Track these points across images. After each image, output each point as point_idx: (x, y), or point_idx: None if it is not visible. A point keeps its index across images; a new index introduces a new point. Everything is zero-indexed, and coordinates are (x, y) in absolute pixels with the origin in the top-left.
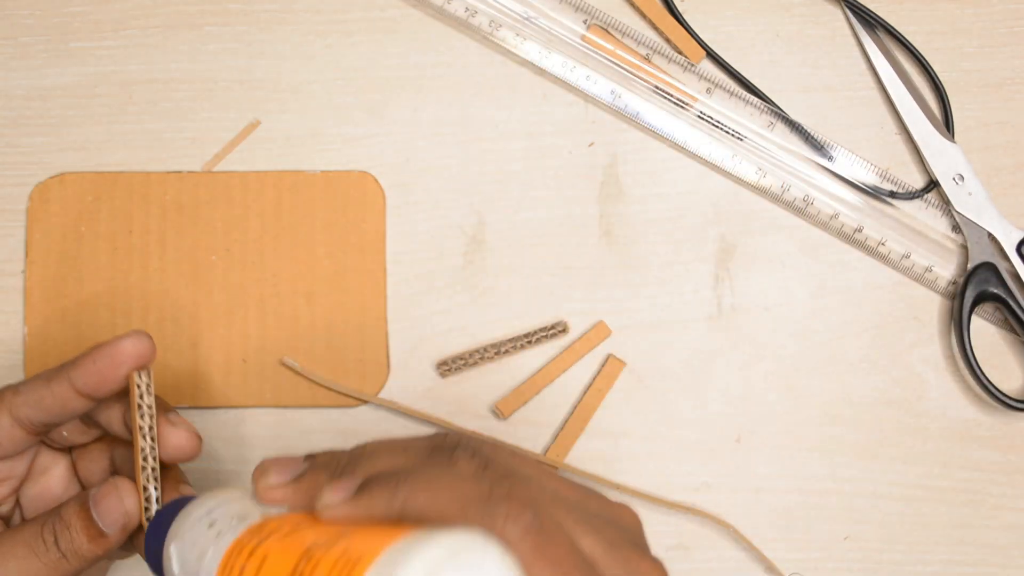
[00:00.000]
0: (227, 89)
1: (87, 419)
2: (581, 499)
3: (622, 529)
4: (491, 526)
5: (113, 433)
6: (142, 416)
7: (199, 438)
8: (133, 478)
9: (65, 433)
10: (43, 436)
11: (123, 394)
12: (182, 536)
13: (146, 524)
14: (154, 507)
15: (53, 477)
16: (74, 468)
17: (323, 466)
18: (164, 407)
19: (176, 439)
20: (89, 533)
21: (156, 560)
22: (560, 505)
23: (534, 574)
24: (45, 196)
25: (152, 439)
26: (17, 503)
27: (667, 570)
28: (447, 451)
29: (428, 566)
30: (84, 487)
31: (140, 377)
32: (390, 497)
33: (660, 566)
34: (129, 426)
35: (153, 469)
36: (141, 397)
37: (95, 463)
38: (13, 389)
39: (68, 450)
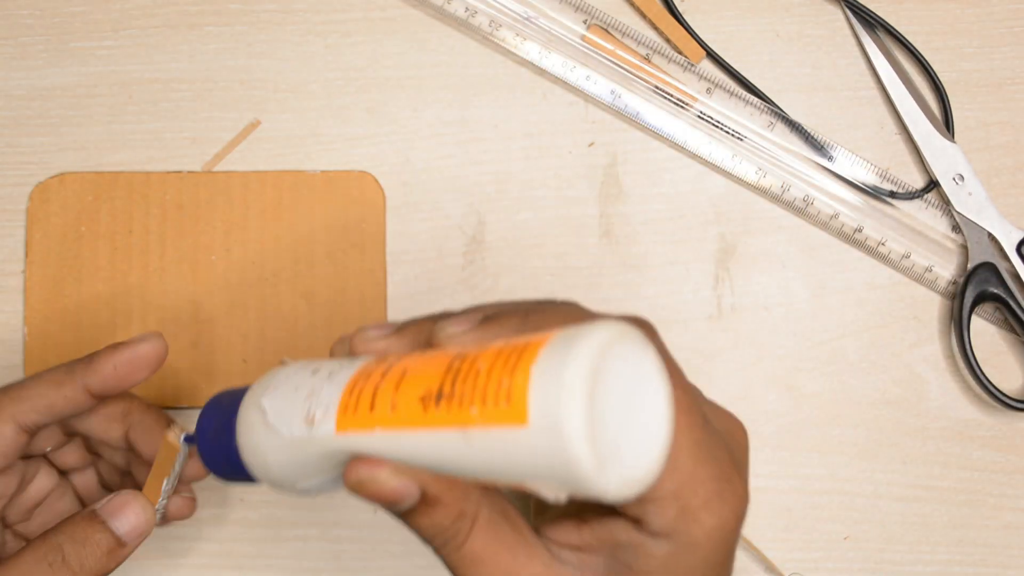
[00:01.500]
0: (227, 89)
1: (68, 428)
2: None
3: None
4: None
5: (93, 437)
6: (170, 478)
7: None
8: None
9: (59, 459)
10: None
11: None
12: (276, 388)
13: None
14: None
15: (41, 489)
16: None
17: (427, 318)
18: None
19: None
20: (107, 546)
21: (219, 435)
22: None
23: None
24: (45, 196)
25: (173, 485)
26: (3, 525)
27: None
28: (559, 301)
29: (603, 340)
30: (80, 499)
31: (183, 445)
32: (521, 323)
33: (738, 419)
34: (133, 445)
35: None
36: (175, 461)
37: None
38: (13, 397)
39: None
